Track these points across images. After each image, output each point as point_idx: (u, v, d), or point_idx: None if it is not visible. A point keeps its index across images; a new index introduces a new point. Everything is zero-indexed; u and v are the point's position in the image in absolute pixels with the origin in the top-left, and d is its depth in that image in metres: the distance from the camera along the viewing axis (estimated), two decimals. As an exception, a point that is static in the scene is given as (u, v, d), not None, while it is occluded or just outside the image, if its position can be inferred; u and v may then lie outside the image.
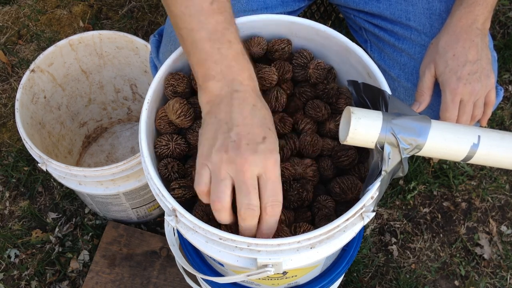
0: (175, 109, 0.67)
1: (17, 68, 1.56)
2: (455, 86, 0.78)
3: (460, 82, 0.78)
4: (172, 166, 0.67)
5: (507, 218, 1.35)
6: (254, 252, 0.59)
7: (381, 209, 1.35)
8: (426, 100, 0.82)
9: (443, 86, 0.80)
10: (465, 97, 0.78)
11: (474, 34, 0.80)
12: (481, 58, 0.79)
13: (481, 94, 0.79)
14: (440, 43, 0.81)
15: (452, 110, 0.79)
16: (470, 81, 0.78)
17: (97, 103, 1.37)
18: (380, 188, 0.61)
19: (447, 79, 0.79)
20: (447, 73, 0.79)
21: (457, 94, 0.78)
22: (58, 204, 1.36)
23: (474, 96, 0.79)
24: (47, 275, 1.27)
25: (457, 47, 0.79)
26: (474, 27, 0.80)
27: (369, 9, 0.91)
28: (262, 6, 0.86)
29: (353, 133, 0.59)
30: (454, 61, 0.79)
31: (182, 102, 0.68)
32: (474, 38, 0.79)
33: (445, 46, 0.80)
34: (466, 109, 0.79)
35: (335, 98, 0.73)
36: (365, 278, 1.27)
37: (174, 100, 0.68)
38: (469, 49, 0.79)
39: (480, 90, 0.79)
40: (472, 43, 0.79)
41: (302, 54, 0.74)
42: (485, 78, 0.79)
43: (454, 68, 0.78)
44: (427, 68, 0.82)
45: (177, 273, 1.23)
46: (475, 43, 0.79)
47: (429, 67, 0.82)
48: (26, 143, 1.04)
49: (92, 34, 1.18)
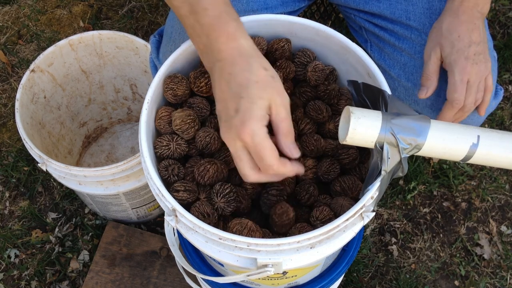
0: (175, 124, 0.68)
1: (17, 68, 1.56)
2: (464, 65, 0.77)
3: (468, 61, 0.77)
4: (172, 168, 0.67)
5: (507, 218, 1.35)
6: (254, 252, 0.59)
7: (381, 209, 1.35)
8: (434, 84, 0.81)
9: (451, 66, 0.79)
10: (472, 78, 0.78)
11: (476, 17, 0.80)
12: (483, 40, 0.79)
13: (483, 76, 0.79)
14: (444, 25, 0.81)
15: (461, 90, 0.77)
16: (477, 61, 0.78)
17: (97, 103, 1.37)
18: (380, 188, 0.61)
19: (456, 59, 0.78)
20: (454, 53, 0.78)
21: (466, 74, 0.77)
22: (58, 204, 1.36)
23: (480, 77, 0.78)
24: (47, 275, 1.27)
25: (461, 29, 0.79)
26: (475, 10, 0.80)
27: (369, 9, 0.91)
28: (262, 6, 0.86)
29: (353, 133, 0.59)
30: (460, 42, 0.78)
31: (184, 120, 0.68)
32: (476, 21, 0.80)
33: (449, 27, 0.80)
34: (472, 90, 0.78)
35: (337, 99, 0.73)
36: (365, 278, 1.27)
37: (177, 115, 0.68)
38: (472, 31, 0.79)
39: (484, 71, 0.79)
40: (474, 26, 0.79)
41: (305, 53, 0.74)
42: (487, 61, 0.79)
43: (461, 48, 0.78)
44: (433, 51, 0.81)
45: (177, 273, 1.23)
46: (477, 25, 0.79)
47: (435, 50, 0.81)
48: (26, 143, 1.04)
49: (92, 34, 1.18)
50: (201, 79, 0.69)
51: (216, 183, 0.66)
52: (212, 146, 0.68)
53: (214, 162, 0.66)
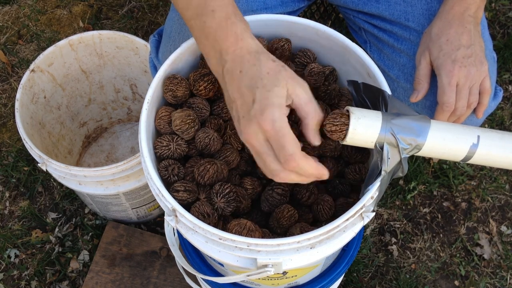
0: (175, 124, 0.68)
1: (17, 68, 1.56)
2: (451, 68, 0.77)
3: (455, 64, 0.78)
4: (172, 168, 0.67)
5: (507, 218, 1.35)
6: (254, 252, 0.59)
7: (381, 209, 1.35)
8: (425, 88, 0.82)
9: (438, 70, 0.79)
10: (461, 81, 0.78)
11: (467, 21, 0.80)
12: (474, 43, 0.79)
13: (476, 80, 0.79)
14: (433, 30, 0.81)
15: (450, 93, 0.78)
16: (465, 64, 0.78)
17: (97, 103, 1.37)
18: (380, 188, 0.61)
19: (442, 62, 0.78)
20: (441, 57, 0.79)
21: (453, 77, 0.77)
22: (58, 204, 1.36)
23: (470, 81, 0.78)
24: (47, 275, 1.27)
25: (450, 32, 0.79)
26: (466, 14, 0.80)
27: (368, 10, 0.91)
28: (262, 6, 0.86)
29: (353, 133, 0.59)
30: (448, 46, 0.79)
31: (184, 120, 0.68)
32: (467, 24, 0.80)
33: (438, 32, 0.81)
34: (462, 94, 0.78)
35: (337, 99, 0.73)
36: (365, 278, 1.27)
37: (176, 116, 0.68)
38: (462, 35, 0.79)
39: (475, 75, 0.78)
40: (465, 29, 0.79)
41: (305, 53, 0.74)
42: (479, 64, 0.79)
43: (449, 52, 0.78)
44: (422, 56, 0.82)
45: (177, 273, 1.23)
46: (467, 29, 0.79)
47: (424, 55, 0.81)
48: (26, 143, 1.04)
49: (92, 34, 1.18)
50: (201, 82, 0.69)
51: (216, 183, 0.66)
52: (212, 147, 0.68)
53: (214, 162, 0.66)
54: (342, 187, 0.71)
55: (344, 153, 0.72)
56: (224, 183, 0.66)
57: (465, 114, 0.80)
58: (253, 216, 0.71)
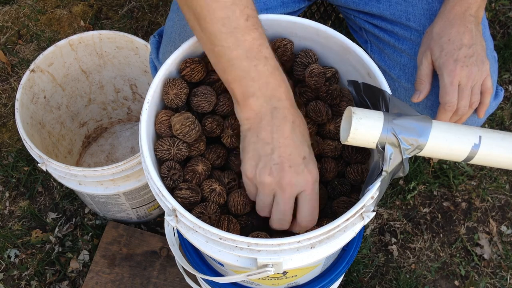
0: (175, 128, 0.68)
1: (17, 68, 1.55)
2: (453, 68, 0.77)
3: (457, 64, 0.78)
4: (173, 174, 0.67)
5: (507, 218, 1.35)
6: (254, 252, 0.59)
7: (381, 209, 1.35)
8: (426, 88, 0.82)
9: (440, 70, 0.79)
10: (463, 80, 0.78)
11: (468, 20, 0.80)
12: (475, 43, 0.79)
13: (477, 79, 0.79)
14: (434, 30, 0.81)
15: (452, 93, 0.78)
16: (467, 64, 0.78)
17: (97, 103, 1.37)
18: (381, 188, 0.61)
19: (444, 62, 0.78)
20: (443, 56, 0.79)
21: (455, 76, 0.77)
22: (58, 204, 1.36)
23: (472, 80, 0.78)
24: (47, 275, 1.27)
25: (452, 32, 0.79)
26: (467, 14, 0.80)
27: (369, 10, 0.91)
28: (262, 7, 0.86)
29: (354, 133, 0.59)
30: (450, 45, 0.79)
31: (184, 123, 0.67)
32: (468, 24, 0.80)
33: (440, 32, 0.81)
34: (464, 93, 0.78)
35: (338, 100, 0.73)
36: (365, 278, 1.27)
37: (175, 120, 0.68)
38: (463, 34, 0.79)
39: (477, 74, 0.78)
40: (466, 29, 0.79)
41: (307, 54, 0.74)
42: (481, 63, 0.79)
43: (450, 51, 0.78)
44: (424, 56, 0.82)
45: (177, 273, 1.23)
46: (469, 28, 0.79)
47: (425, 55, 0.81)
48: (26, 143, 1.04)
49: (92, 34, 1.18)
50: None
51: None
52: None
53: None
54: (341, 188, 0.71)
55: (345, 153, 0.72)
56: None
57: (467, 114, 0.80)
58: (253, 216, 0.71)
